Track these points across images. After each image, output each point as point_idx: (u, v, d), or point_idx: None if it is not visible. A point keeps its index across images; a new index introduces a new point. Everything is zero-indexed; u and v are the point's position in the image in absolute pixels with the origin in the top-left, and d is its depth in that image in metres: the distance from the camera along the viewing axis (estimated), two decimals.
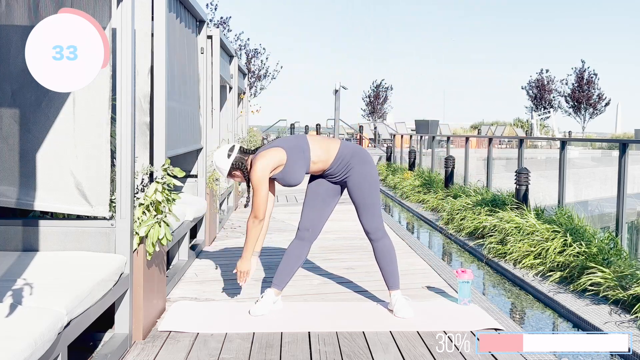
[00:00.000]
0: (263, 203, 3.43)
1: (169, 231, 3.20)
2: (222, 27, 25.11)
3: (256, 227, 3.50)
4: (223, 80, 7.37)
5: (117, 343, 2.92)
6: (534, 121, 34.43)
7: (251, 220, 3.49)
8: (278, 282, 3.67)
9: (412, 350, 3.09)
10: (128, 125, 2.96)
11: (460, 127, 39.59)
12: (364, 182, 3.54)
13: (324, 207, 3.66)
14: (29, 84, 2.96)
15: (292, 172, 3.47)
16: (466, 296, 3.83)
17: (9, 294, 2.34)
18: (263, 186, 3.41)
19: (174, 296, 4.00)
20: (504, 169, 12.24)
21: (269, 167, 3.41)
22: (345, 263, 5.04)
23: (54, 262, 2.86)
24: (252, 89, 26.83)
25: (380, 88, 44.80)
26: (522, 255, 5.43)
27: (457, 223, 7.43)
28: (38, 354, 2.03)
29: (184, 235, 4.70)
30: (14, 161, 3.06)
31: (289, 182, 3.52)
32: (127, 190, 2.99)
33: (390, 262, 3.64)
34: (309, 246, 3.69)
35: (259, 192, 3.40)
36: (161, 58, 3.92)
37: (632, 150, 6.25)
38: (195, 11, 5.05)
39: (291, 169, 3.46)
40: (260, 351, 3.06)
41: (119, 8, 2.92)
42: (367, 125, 33.80)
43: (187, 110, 4.87)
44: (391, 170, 14.86)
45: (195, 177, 5.44)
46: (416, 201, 10.38)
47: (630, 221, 8.57)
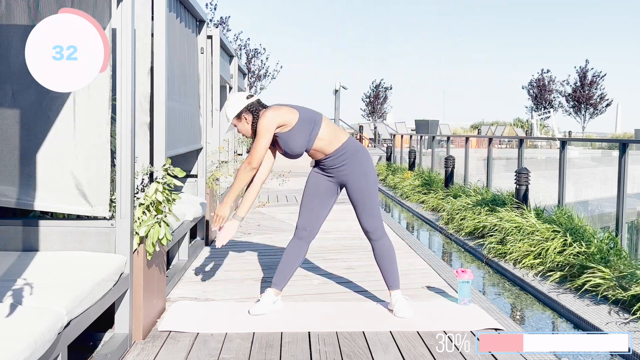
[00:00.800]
0: (261, 151, 3.41)
1: (169, 231, 3.20)
2: (221, 27, 25.12)
3: (246, 173, 3.46)
4: (223, 80, 7.37)
5: (117, 343, 2.92)
6: (534, 121, 34.42)
7: (244, 165, 3.46)
8: (277, 282, 3.67)
9: (412, 350, 3.09)
10: (128, 125, 2.97)
11: (460, 127, 39.60)
12: (363, 182, 3.54)
13: (322, 207, 3.66)
14: (29, 84, 2.96)
15: (295, 138, 3.45)
16: (466, 296, 3.83)
17: (9, 294, 2.34)
18: (267, 135, 3.40)
19: (174, 296, 4.00)
20: (504, 169, 12.25)
21: (277, 119, 3.41)
22: (345, 263, 5.04)
23: (54, 262, 2.86)
24: (252, 89, 26.84)
25: (380, 88, 44.80)
26: (522, 255, 5.43)
27: (457, 223, 7.43)
28: (38, 353, 2.03)
29: (184, 235, 4.71)
30: (14, 161, 3.06)
31: (289, 148, 3.48)
32: (127, 190, 2.99)
33: (389, 262, 3.64)
34: (307, 245, 3.69)
35: (260, 139, 3.40)
36: (161, 58, 3.92)
37: (632, 150, 6.26)
38: (195, 11, 5.05)
39: (296, 134, 3.45)
40: (260, 351, 3.06)
41: (119, 8, 2.92)
42: (367, 125, 33.80)
43: (187, 110, 4.87)
44: (391, 170, 14.86)
45: (195, 177, 5.44)
46: (416, 201, 10.38)
47: (630, 221, 8.58)
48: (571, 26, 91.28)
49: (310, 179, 3.68)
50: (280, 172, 8.32)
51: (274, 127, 3.42)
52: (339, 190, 3.69)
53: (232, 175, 6.30)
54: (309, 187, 3.67)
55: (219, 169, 6.10)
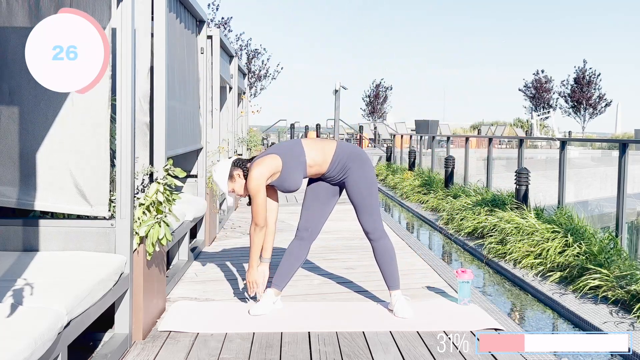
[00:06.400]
0: (262, 210, 3.45)
1: (169, 231, 3.20)
2: (223, 28, 25.10)
3: (258, 234, 3.52)
4: (223, 80, 7.37)
5: (117, 343, 2.92)
6: (534, 121, 34.41)
7: (252, 228, 3.52)
8: (278, 282, 3.67)
9: (412, 350, 3.09)
10: (128, 125, 2.96)
11: (460, 127, 39.57)
12: (362, 182, 3.54)
13: (323, 208, 3.66)
14: (28, 83, 2.96)
15: (289, 178, 3.49)
16: (466, 296, 3.83)
17: (9, 294, 2.34)
18: (261, 193, 3.43)
19: (174, 296, 4.00)
20: (504, 169, 12.25)
21: (265, 174, 3.44)
22: (346, 263, 5.04)
23: (54, 262, 2.86)
24: (252, 89, 26.83)
25: (380, 88, 44.81)
26: (522, 255, 5.43)
27: (457, 223, 7.43)
28: (38, 353, 2.03)
29: (184, 235, 4.70)
30: (14, 161, 3.06)
31: (287, 188, 3.54)
32: (127, 190, 2.99)
33: (389, 262, 3.64)
34: (309, 246, 3.69)
35: (256, 199, 3.43)
36: (161, 58, 3.92)
37: (632, 150, 6.25)
38: (195, 11, 5.05)
39: (288, 175, 3.48)
40: (260, 351, 3.06)
41: (119, 8, 2.92)
42: (367, 125, 33.79)
43: (187, 110, 4.87)
44: (391, 171, 14.86)
45: (195, 177, 5.44)
46: (416, 201, 10.38)
47: (630, 221, 8.57)
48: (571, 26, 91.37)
49: (312, 180, 3.68)
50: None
51: (264, 183, 3.44)
52: (340, 191, 3.69)
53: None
54: (310, 188, 3.68)
55: None
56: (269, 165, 3.45)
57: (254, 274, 3.63)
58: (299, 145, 3.53)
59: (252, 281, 3.63)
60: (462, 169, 10.15)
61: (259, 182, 3.42)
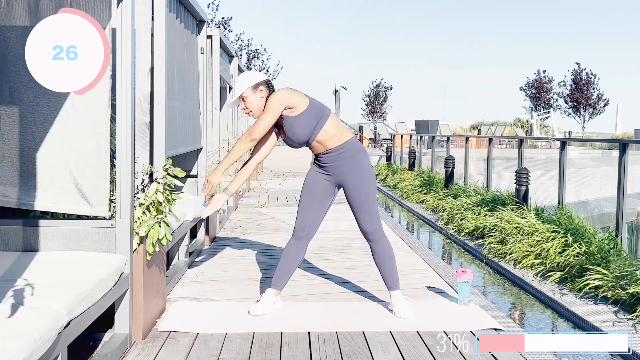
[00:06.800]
0: (265, 125, 3.40)
1: (169, 231, 3.20)
2: (223, 28, 25.10)
3: (245, 144, 3.45)
4: (223, 80, 7.37)
5: (117, 343, 2.92)
6: (534, 121, 34.44)
7: (244, 135, 3.45)
8: (277, 282, 3.67)
9: (412, 350, 3.09)
10: (128, 125, 2.96)
11: (460, 127, 39.61)
12: (361, 182, 3.53)
13: (320, 207, 3.65)
14: (28, 83, 2.96)
15: (301, 124, 3.45)
16: (466, 296, 3.83)
17: (9, 294, 2.34)
18: (275, 110, 3.39)
19: (174, 296, 4.00)
20: (504, 169, 12.24)
21: (288, 99, 3.41)
22: (345, 263, 5.03)
23: (54, 262, 2.86)
24: None
25: (380, 88, 44.83)
26: (522, 256, 5.43)
27: (457, 223, 7.43)
28: (38, 353, 2.03)
29: (184, 235, 4.70)
30: (14, 161, 3.06)
31: (293, 133, 3.47)
32: (127, 190, 2.99)
33: (388, 262, 3.64)
34: (306, 245, 3.69)
35: (268, 113, 3.39)
36: (161, 58, 3.92)
37: (632, 150, 6.25)
38: (195, 11, 5.05)
39: (303, 120, 3.44)
40: (260, 351, 3.06)
41: (119, 8, 2.92)
42: (367, 125, 33.81)
43: (187, 110, 4.87)
44: (391, 171, 14.86)
45: (195, 177, 5.44)
46: (416, 201, 10.38)
47: (630, 221, 8.58)
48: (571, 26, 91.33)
49: (308, 179, 3.67)
50: (280, 172, 8.33)
51: (283, 106, 3.41)
52: (337, 190, 3.68)
53: (232, 175, 6.30)
54: (306, 187, 3.66)
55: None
56: (296, 96, 3.44)
57: (217, 177, 3.50)
58: (327, 110, 3.55)
59: (211, 181, 3.50)
60: (462, 169, 10.15)
61: (281, 102, 3.39)
